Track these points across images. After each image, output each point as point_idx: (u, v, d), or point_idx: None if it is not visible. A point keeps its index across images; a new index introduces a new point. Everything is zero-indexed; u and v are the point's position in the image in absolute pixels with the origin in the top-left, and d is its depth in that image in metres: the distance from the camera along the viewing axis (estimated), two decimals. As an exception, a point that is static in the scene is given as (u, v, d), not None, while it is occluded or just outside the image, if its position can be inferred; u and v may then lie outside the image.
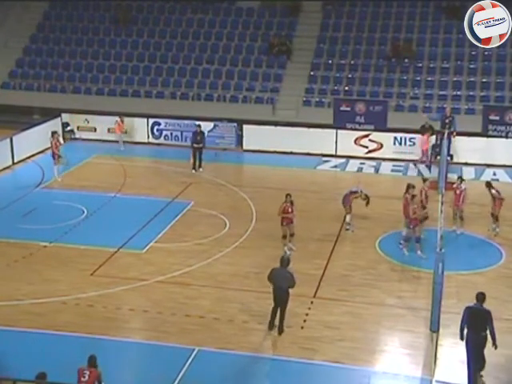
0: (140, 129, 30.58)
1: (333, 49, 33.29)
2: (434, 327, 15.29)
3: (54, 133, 25.87)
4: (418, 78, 31.61)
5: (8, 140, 27.37)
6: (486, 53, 31.27)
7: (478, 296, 13.95)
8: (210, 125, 29.70)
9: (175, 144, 30.05)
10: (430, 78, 31.52)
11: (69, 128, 30.99)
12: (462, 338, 13.85)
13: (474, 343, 13.80)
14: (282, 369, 14.57)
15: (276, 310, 15.67)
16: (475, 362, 13.85)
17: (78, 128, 31.17)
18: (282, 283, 15.52)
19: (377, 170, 27.35)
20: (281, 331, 15.64)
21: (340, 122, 28.79)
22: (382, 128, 28.43)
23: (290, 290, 15.61)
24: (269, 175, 26.87)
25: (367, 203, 21.07)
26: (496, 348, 13.65)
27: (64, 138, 30.50)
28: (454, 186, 20.97)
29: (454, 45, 32.47)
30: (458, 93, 30.86)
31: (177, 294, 17.43)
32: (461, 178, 21.07)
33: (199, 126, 27.51)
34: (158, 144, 30.36)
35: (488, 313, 13.81)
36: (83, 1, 37.03)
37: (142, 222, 21.71)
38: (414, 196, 19.64)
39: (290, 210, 19.42)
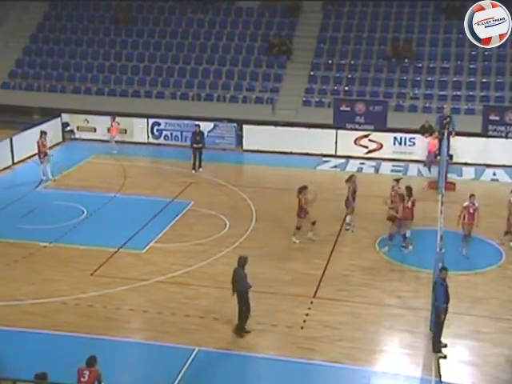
0: (140, 129, 30.58)
1: (333, 49, 33.29)
2: (434, 327, 15.31)
3: (42, 132, 25.86)
4: (418, 78, 31.62)
5: (8, 140, 27.37)
6: (486, 53, 31.27)
7: (441, 269, 14.88)
8: (210, 125, 29.71)
9: (175, 144, 30.07)
10: (429, 78, 31.53)
11: (69, 128, 31.01)
12: None
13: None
14: (282, 369, 14.56)
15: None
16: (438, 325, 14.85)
17: (77, 128, 31.16)
18: (237, 285, 15.42)
19: (377, 170, 27.36)
20: (237, 332, 15.47)
21: (340, 122, 28.78)
22: (382, 128, 28.42)
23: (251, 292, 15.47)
24: (269, 175, 26.88)
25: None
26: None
27: (64, 138, 30.65)
28: (465, 204, 19.31)
29: (453, 45, 32.48)
30: (458, 93, 30.86)
31: (177, 294, 17.43)
32: (473, 195, 19.48)
33: (198, 125, 27.53)
34: (158, 144, 30.37)
35: (435, 283, 14.80)
36: (83, 1, 37.05)
37: (142, 222, 21.71)
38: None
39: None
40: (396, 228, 19.77)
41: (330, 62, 32.79)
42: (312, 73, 32.51)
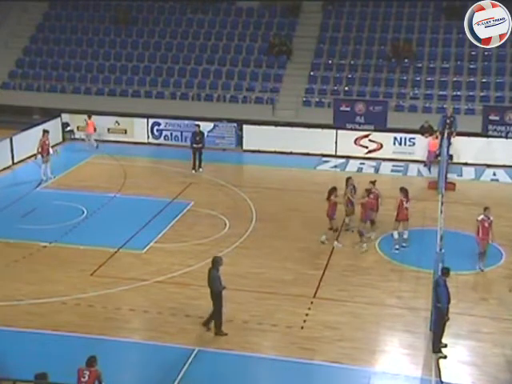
0: (140, 129, 30.59)
1: (333, 49, 33.31)
2: (435, 328, 15.30)
3: (45, 131, 25.88)
4: (418, 78, 31.63)
5: (8, 140, 27.38)
6: (486, 53, 31.30)
7: (442, 269, 14.77)
8: (210, 125, 29.71)
9: (175, 144, 30.07)
10: (429, 78, 31.54)
11: (69, 128, 31.02)
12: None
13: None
14: (282, 369, 14.55)
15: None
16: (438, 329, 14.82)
17: (77, 128, 31.15)
18: (211, 286, 15.46)
19: (377, 170, 27.35)
20: (213, 330, 15.52)
21: (340, 122, 28.77)
22: (382, 128, 28.42)
23: (224, 292, 15.49)
24: (269, 175, 26.88)
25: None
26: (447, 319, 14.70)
27: (64, 138, 30.66)
28: (480, 218, 18.30)
29: (453, 45, 32.51)
30: (458, 93, 30.87)
31: (177, 294, 17.43)
32: (488, 208, 18.49)
33: (198, 126, 27.54)
34: (158, 144, 30.38)
35: (436, 283, 14.70)
36: (83, 1, 37.09)
37: (142, 222, 21.71)
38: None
39: None
40: (354, 223, 20.01)
41: (330, 62, 32.81)
42: (312, 73, 32.52)
